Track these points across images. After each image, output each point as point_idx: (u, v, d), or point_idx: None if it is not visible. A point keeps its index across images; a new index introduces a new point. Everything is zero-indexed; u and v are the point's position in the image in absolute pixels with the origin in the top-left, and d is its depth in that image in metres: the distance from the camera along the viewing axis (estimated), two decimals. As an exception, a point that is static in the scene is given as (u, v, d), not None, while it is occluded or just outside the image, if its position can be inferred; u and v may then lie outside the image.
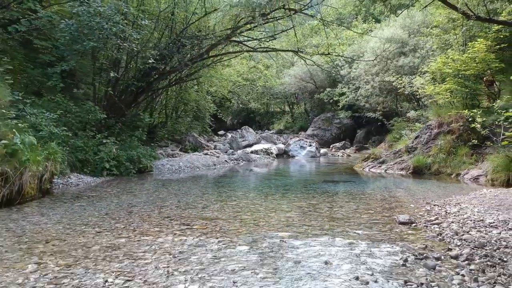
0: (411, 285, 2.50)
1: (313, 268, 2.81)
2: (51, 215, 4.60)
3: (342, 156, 16.21)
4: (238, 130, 17.12)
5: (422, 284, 2.51)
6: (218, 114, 18.47)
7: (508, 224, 3.99)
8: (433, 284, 2.52)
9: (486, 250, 3.20)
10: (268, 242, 3.46)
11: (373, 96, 16.50)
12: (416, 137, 10.04)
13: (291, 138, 17.68)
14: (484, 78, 9.35)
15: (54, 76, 7.57)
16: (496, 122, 7.85)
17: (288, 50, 12.90)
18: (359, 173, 9.98)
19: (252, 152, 13.90)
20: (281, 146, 15.77)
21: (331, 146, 18.88)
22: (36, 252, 3.23)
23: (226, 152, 13.52)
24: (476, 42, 8.78)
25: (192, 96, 14.63)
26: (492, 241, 3.41)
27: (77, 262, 2.96)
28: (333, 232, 3.85)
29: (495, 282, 2.54)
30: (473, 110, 8.13)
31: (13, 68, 7.26)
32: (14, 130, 5.44)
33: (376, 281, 2.56)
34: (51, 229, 3.98)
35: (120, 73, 9.06)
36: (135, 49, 7.84)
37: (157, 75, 10.62)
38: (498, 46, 8.74)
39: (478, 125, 7.78)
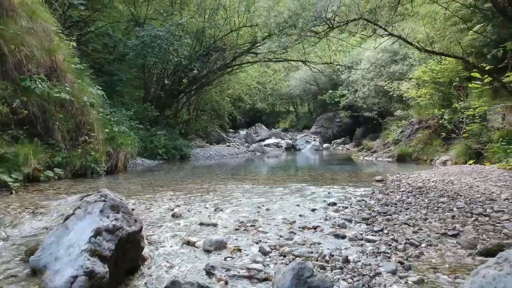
0: (374, 198, 4.85)
1: (322, 194, 5.16)
2: (147, 177, 6.98)
3: (342, 150, 18.55)
4: (252, 127, 19.51)
5: (379, 198, 4.85)
6: (234, 113, 20.88)
7: (444, 181, 6.31)
8: (384, 198, 4.86)
9: (421, 189, 5.53)
10: (294, 187, 5.83)
11: (369, 97, 18.77)
12: (401, 132, 12.38)
13: (297, 135, 20.01)
14: (454, 84, 11.66)
15: (121, 82, 9.93)
16: (460, 119, 10.18)
17: (297, 60, 15.21)
18: (354, 160, 12.32)
19: (265, 145, 16.29)
20: (289, 141, 18.15)
21: (332, 142, 21.16)
22: (161, 190, 5.58)
23: (243, 145, 15.91)
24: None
25: (213, 97, 17.04)
26: (427, 186, 5.75)
27: (191, 193, 5.31)
28: (333, 184, 6.21)
29: (417, 198, 4.87)
30: (442, 110, 10.46)
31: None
32: (111, 122, 7.82)
33: (355, 198, 4.91)
34: (156, 182, 6.34)
35: (165, 80, 11.45)
36: (183, 62, 10.24)
37: (188, 81, 13.01)
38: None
39: (445, 122, 10.10)
